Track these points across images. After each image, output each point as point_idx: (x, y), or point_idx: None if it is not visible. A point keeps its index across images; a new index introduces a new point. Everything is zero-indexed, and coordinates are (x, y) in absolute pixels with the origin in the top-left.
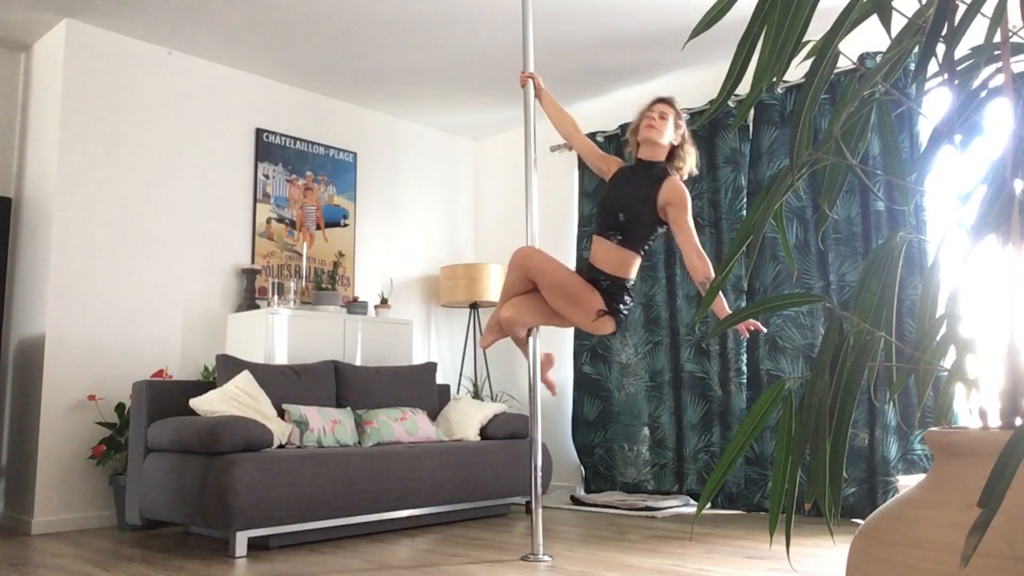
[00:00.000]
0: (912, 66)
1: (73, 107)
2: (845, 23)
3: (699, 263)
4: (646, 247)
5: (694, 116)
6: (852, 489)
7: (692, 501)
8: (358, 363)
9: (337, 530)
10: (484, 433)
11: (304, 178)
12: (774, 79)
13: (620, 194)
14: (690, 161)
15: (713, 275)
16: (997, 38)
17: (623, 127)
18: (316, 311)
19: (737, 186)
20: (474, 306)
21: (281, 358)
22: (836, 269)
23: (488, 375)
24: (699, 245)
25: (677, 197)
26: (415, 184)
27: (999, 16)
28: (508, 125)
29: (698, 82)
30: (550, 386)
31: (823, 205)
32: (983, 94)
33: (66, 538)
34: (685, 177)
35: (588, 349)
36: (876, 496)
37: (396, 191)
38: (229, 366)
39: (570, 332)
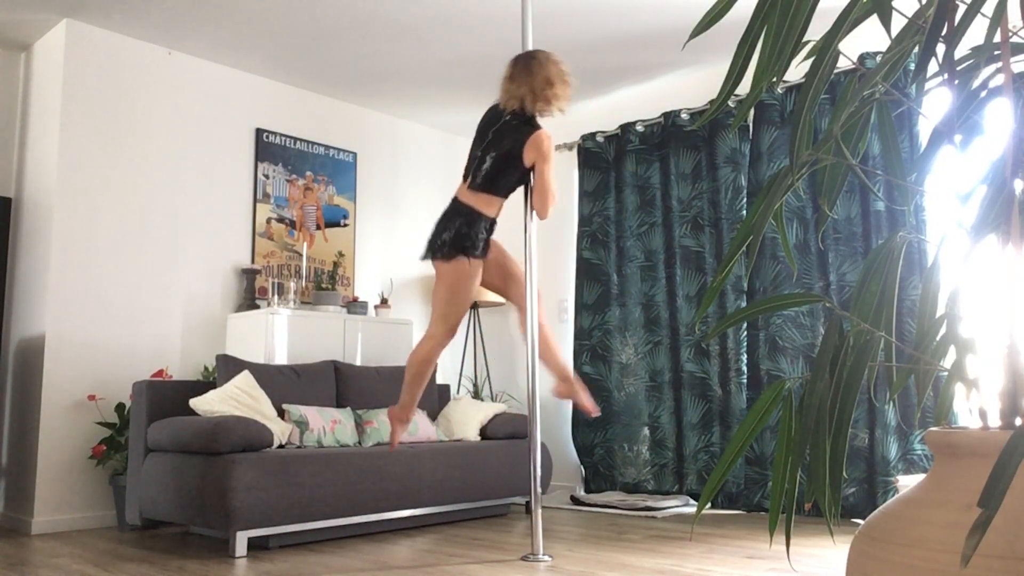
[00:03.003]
0: (912, 66)
1: (73, 107)
2: (845, 23)
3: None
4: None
5: (694, 116)
6: (852, 489)
7: (692, 501)
8: (358, 363)
9: (337, 530)
10: (484, 433)
11: (304, 178)
12: (774, 79)
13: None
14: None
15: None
16: (997, 38)
17: (623, 127)
18: (316, 311)
19: (737, 186)
20: (474, 306)
21: (281, 358)
22: (836, 269)
23: (488, 375)
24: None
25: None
26: (415, 184)
27: (999, 16)
28: None
29: (698, 82)
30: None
31: (823, 205)
32: (983, 94)
33: (66, 538)
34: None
35: (588, 349)
36: (876, 496)
37: (396, 191)
38: (229, 366)
39: (570, 331)
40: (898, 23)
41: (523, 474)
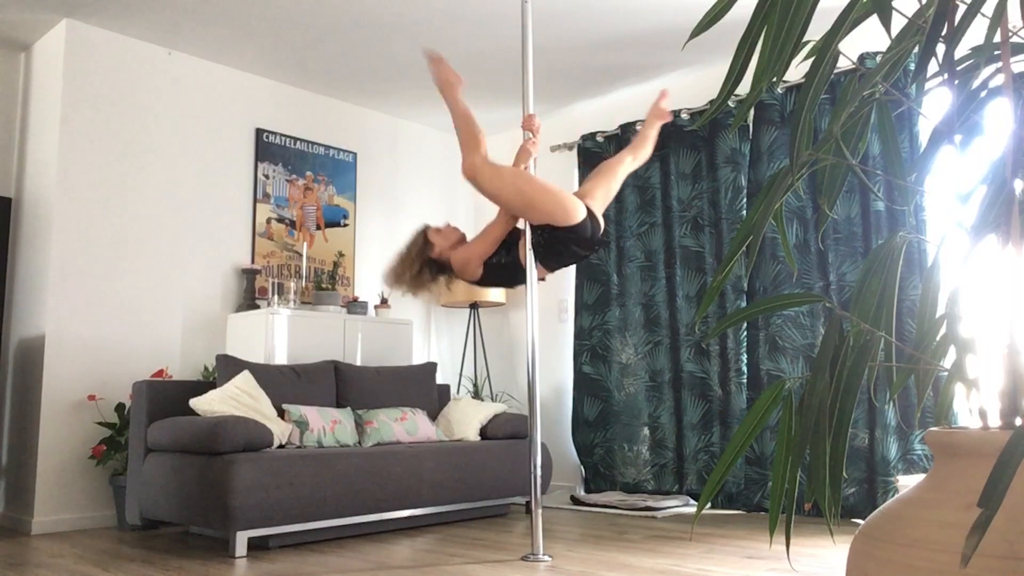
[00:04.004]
0: (912, 66)
1: (73, 107)
2: (845, 23)
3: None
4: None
5: (694, 116)
6: (852, 489)
7: (692, 501)
8: (358, 363)
9: (337, 530)
10: (484, 433)
11: (304, 178)
12: (774, 79)
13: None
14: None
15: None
16: (997, 38)
17: (623, 127)
18: (316, 311)
19: (737, 186)
20: (474, 306)
21: (281, 358)
22: (836, 269)
23: (488, 375)
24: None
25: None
26: (415, 184)
27: (999, 16)
28: (508, 125)
29: (698, 82)
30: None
31: (823, 205)
32: (983, 94)
33: (66, 538)
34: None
35: (588, 349)
36: (876, 496)
37: (396, 191)
38: (229, 366)
39: (570, 331)
40: (898, 23)
41: (523, 474)
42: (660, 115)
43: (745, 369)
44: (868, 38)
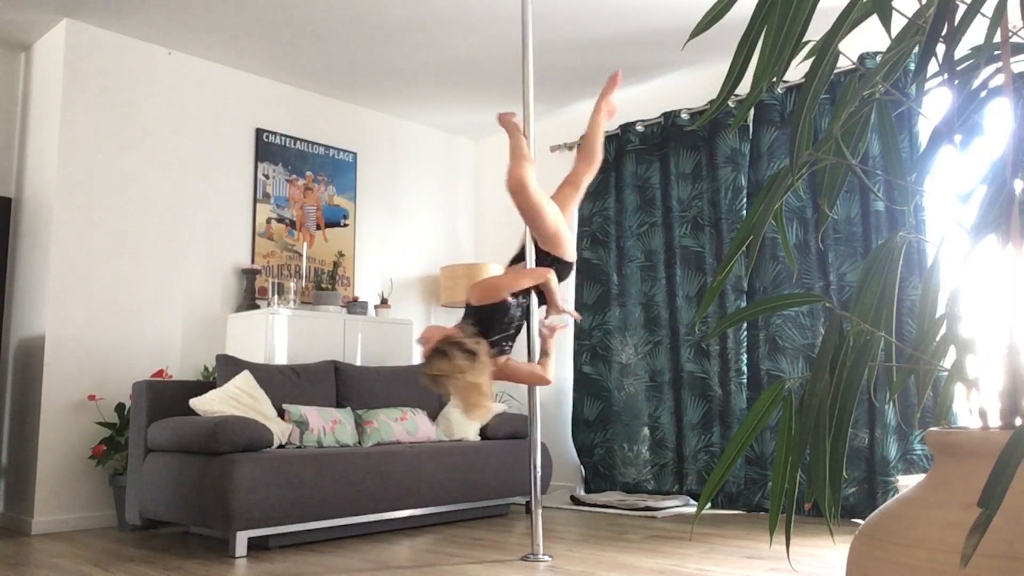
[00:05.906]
0: (912, 66)
1: (73, 107)
2: (845, 23)
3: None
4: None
5: (694, 116)
6: (852, 489)
7: (692, 501)
8: (358, 363)
9: (337, 530)
10: (484, 433)
11: (304, 178)
12: (774, 79)
13: None
14: None
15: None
16: (997, 38)
17: (623, 127)
18: (316, 311)
19: (737, 186)
20: None
21: (281, 358)
22: (836, 269)
23: None
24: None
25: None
26: (415, 184)
27: (999, 16)
28: None
29: (698, 82)
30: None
31: (823, 205)
32: (983, 94)
33: (66, 538)
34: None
35: (588, 349)
36: (876, 496)
37: (396, 191)
38: (229, 366)
39: (570, 332)
40: (898, 23)
41: (523, 474)
42: (609, 108)
43: (745, 369)
44: (868, 38)
